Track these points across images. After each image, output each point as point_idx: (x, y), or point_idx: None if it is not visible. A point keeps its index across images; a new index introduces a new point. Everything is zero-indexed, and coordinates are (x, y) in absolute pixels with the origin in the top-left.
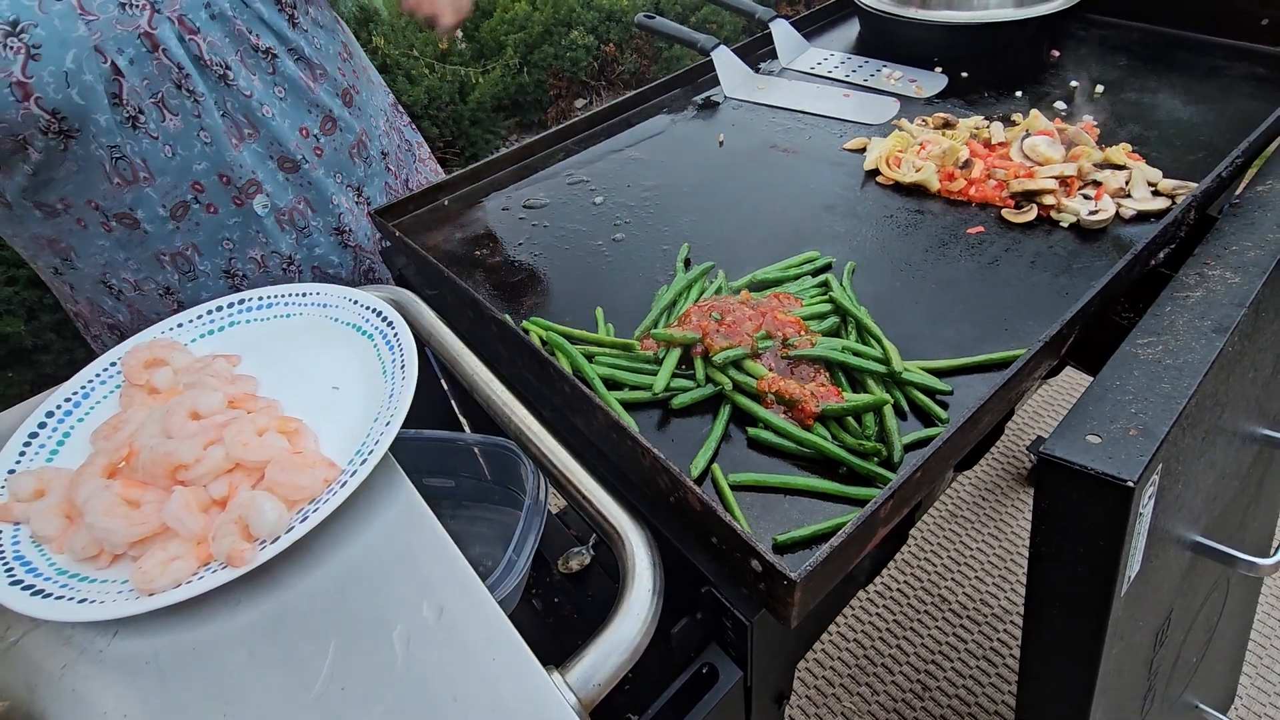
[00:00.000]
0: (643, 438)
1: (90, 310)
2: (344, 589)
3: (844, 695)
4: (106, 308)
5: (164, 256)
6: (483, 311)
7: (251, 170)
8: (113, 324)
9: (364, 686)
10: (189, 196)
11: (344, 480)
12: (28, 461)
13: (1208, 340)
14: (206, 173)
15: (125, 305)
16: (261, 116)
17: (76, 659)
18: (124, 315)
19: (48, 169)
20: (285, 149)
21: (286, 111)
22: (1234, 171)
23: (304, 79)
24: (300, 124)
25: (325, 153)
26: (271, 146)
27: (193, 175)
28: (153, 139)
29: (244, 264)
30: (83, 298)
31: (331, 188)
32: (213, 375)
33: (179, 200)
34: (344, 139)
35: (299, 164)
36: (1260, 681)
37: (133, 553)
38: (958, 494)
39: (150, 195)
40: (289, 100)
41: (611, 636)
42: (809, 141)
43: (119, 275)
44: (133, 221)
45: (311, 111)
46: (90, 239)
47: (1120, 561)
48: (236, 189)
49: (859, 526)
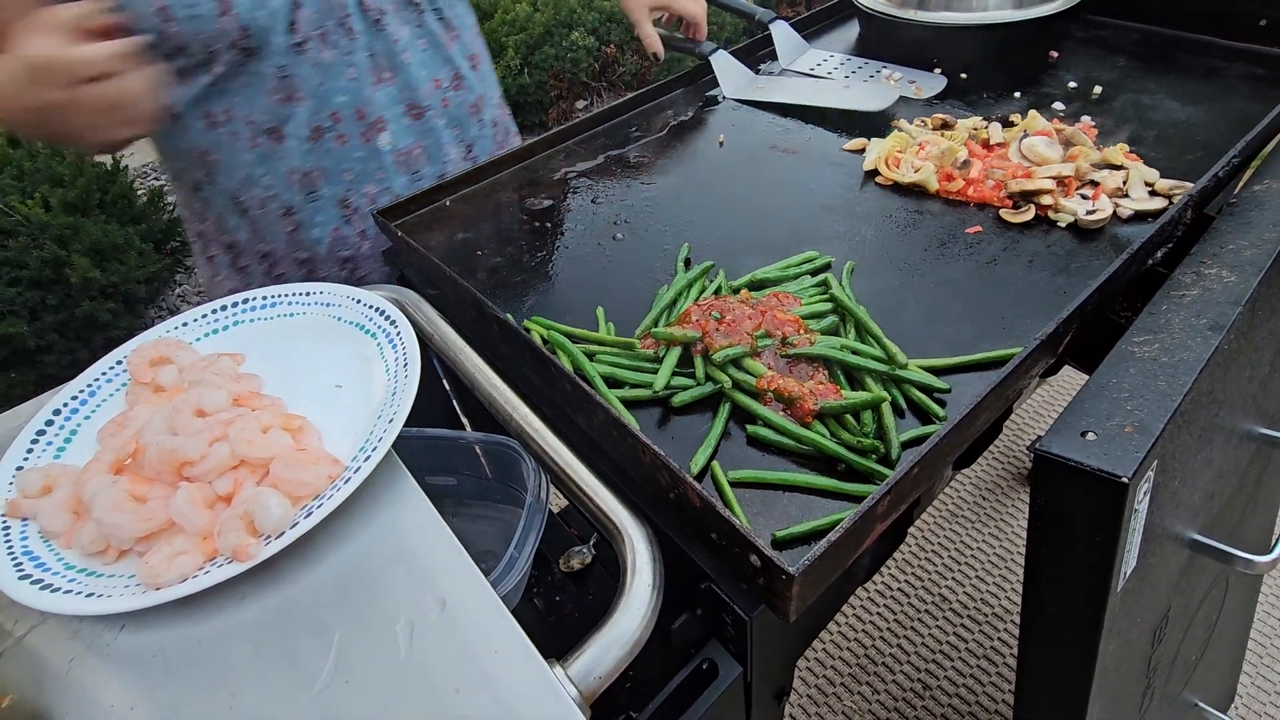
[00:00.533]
0: (643, 435)
1: (214, 229)
2: (348, 583)
3: (845, 695)
4: (229, 226)
5: (294, 175)
6: (484, 311)
7: (382, 109)
8: (231, 243)
9: (368, 679)
10: (326, 123)
11: (348, 476)
12: (35, 458)
13: (1204, 338)
14: (345, 105)
15: (248, 224)
16: (402, 62)
17: (84, 652)
18: (244, 235)
19: (224, 80)
20: (416, 95)
21: (424, 62)
22: (1231, 171)
23: (443, 36)
24: (434, 75)
25: (450, 105)
26: (405, 91)
27: (333, 105)
28: (312, 66)
29: (358, 197)
30: (211, 214)
31: (447, 139)
32: (217, 373)
33: (317, 125)
34: (465, 97)
35: (424, 111)
36: (1261, 681)
37: (139, 548)
38: (958, 494)
39: (299, 114)
40: (428, 52)
41: (612, 630)
42: (808, 142)
43: (250, 192)
44: (279, 136)
45: (444, 66)
46: (237, 153)
47: (1116, 557)
48: (366, 124)
49: (856, 522)
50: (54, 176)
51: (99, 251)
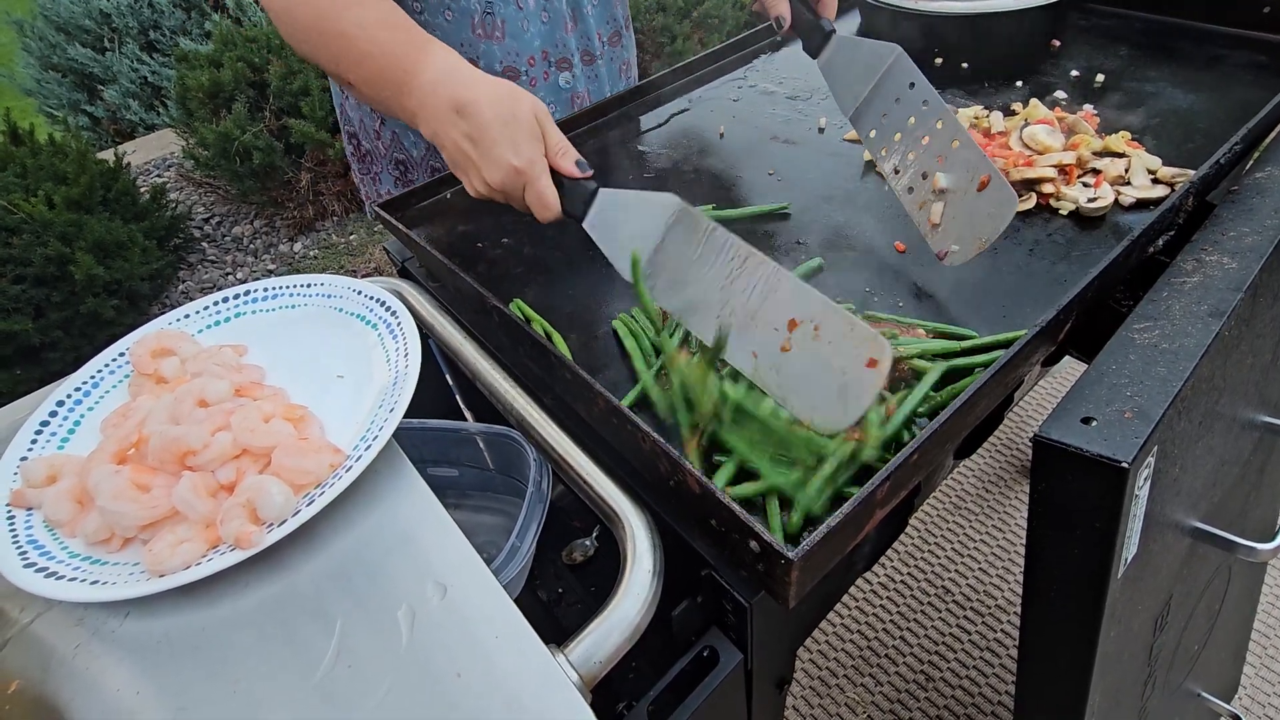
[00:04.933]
0: (642, 423)
1: (387, 146)
2: (349, 571)
3: (847, 686)
4: (406, 143)
5: None
6: (485, 302)
7: (570, 52)
8: (402, 159)
9: (369, 665)
10: (523, 66)
11: (349, 465)
12: (39, 449)
13: (1204, 324)
14: (538, 49)
15: (424, 142)
16: (583, 12)
17: (89, 639)
18: (417, 151)
19: (431, 13)
20: (590, 44)
21: (598, 14)
22: (1233, 159)
23: None
24: (599, 28)
25: (608, 58)
26: (583, 39)
27: (530, 50)
28: (516, 8)
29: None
30: (389, 131)
31: (608, 89)
32: (219, 364)
33: (510, 65)
34: (620, 55)
35: (595, 58)
36: (1264, 670)
37: (143, 536)
38: (961, 486)
39: (495, 51)
40: (600, 6)
41: (612, 616)
42: (808, 133)
43: None
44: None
45: (609, 22)
46: None
47: (1116, 544)
48: (551, 63)
49: (856, 508)
50: (57, 174)
51: (102, 248)
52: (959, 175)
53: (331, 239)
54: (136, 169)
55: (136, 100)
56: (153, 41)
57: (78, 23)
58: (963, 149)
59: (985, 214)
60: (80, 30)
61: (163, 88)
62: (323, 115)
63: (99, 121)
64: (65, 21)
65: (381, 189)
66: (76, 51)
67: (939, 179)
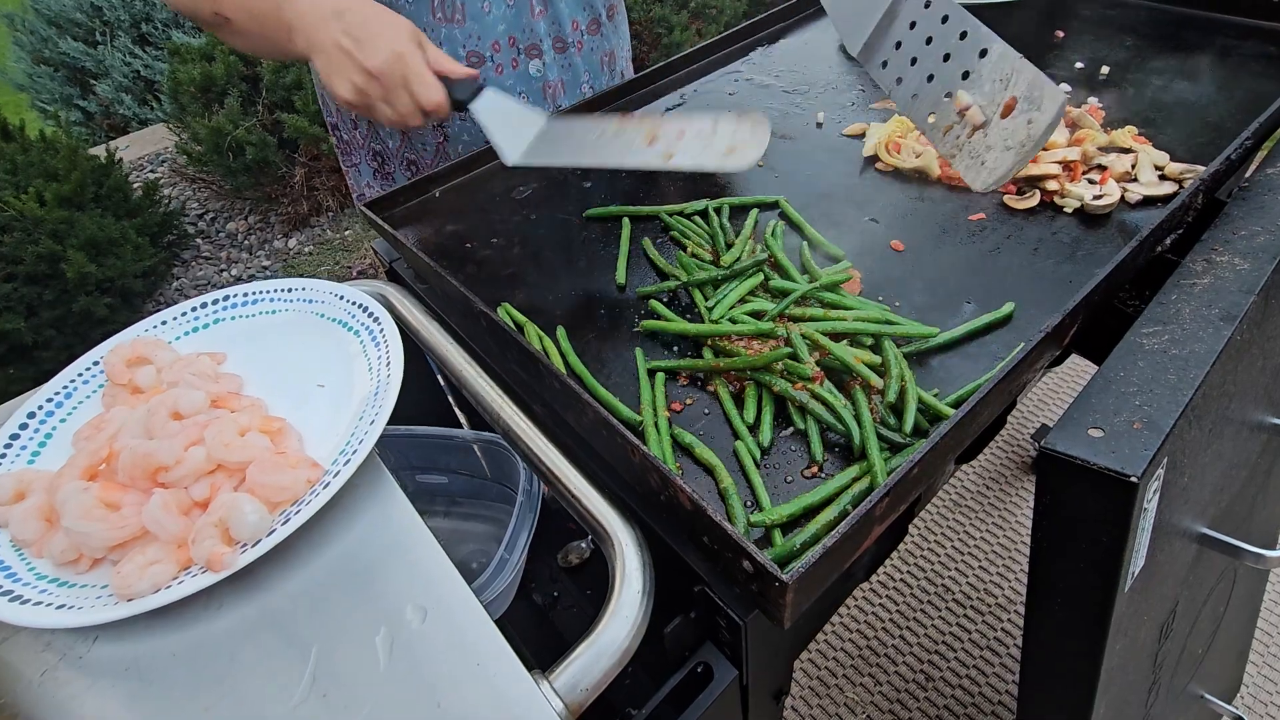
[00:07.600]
0: (631, 436)
1: (364, 137)
2: (327, 591)
3: (846, 687)
4: (382, 133)
5: None
6: (471, 306)
7: (538, 38)
8: (379, 150)
9: (345, 693)
10: (488, 53)
11: (327, 481)
12: (9, 463)
13: (1215, 329)
14: (503, 34)
15: (399, 132)
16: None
17: (56, 664)
18: (393, 142)
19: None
20: (562, 30)
21: (571, 1)
22: (1243, 154)
23: None
24: (574, 16)
25: (585, 48)
26: (553, 25)
27: (493, 35)
28: None
29: None
30: (364, 122)
31: (584, 78)
32: (196, 374)
33: (474, 50)
34: (600, 45)
35: (568, 46)
36: (1267, 670)
37: (112, 556)
38: (961, 483)
39: (457, 35)
40: None
41: (599, 640)
42: (805, 127)
43: None
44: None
45: (585, 9)
46: None
47: (1124, 558)
48: (519, 50)
49: (853, 526)
50: (48, 170)
51: (95, 246)
52: (989, 86)
53: (326, 234)
54: (129, 165)
55: (129, 94)
56: (145, 34)
57: (69, 16)
58: (993, 57)
59: (1023, 121)
60: (71, 23)
61: (156, 81)
62: (316, 109)
63: (92, 116)
64: (56, 15)
65: (362, 180)
66: (68, 45)
67: (962, 97)
